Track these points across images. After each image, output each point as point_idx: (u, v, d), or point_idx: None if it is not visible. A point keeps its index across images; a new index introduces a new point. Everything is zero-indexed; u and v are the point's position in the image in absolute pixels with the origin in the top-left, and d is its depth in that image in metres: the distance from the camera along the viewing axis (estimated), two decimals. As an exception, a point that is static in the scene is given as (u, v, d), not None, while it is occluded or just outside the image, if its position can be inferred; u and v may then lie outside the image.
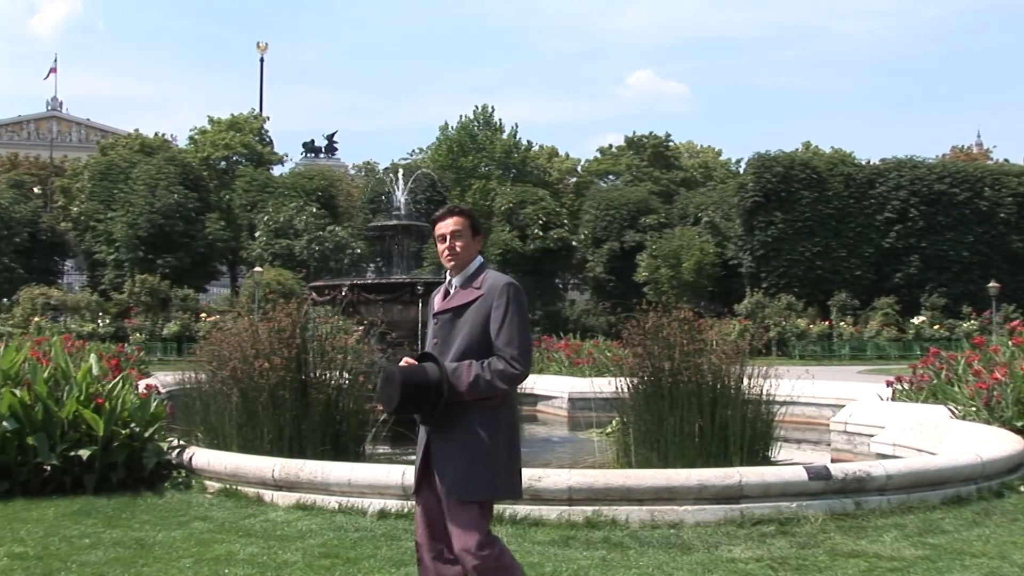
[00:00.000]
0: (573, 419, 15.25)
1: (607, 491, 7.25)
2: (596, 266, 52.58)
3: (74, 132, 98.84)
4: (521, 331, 4.30)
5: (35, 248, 50.02)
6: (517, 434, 4.48)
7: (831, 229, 47.55)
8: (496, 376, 4.22)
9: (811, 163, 49.35)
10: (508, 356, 4.24)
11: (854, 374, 26.31)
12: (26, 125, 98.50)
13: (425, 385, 4.24)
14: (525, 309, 4.38)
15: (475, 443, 4.27)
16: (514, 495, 4.54)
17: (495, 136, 62.85)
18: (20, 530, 7.07)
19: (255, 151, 60.79)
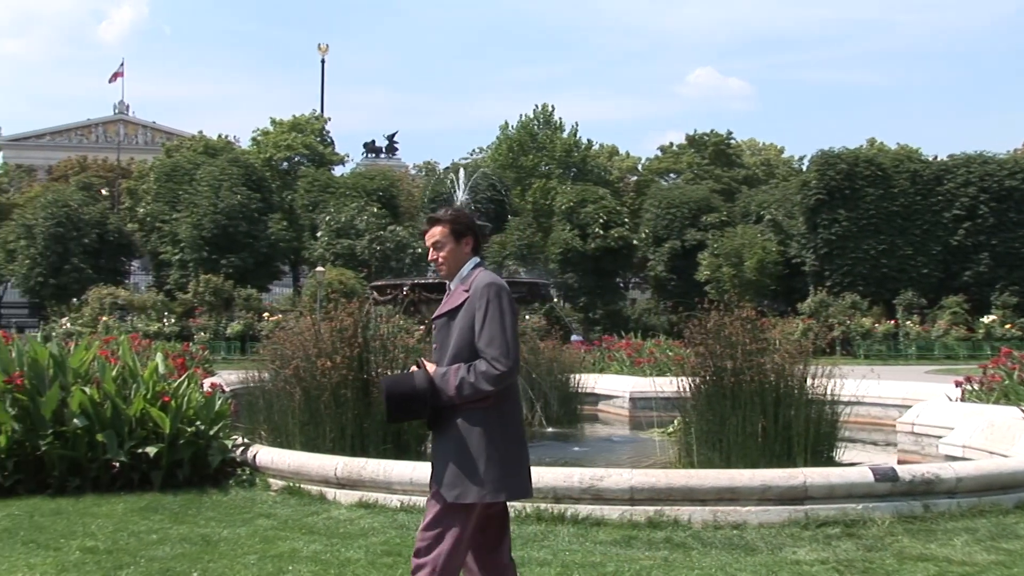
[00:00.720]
0: (634, 419, 15.17)
1: (669, 491, 7.20)
2: (657, 265, 52.24)
3: (140, 135, 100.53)
4: (502, 330, 4.23)
5: (103, 249, 50.85)
6: (515, 433, 4.37)
7: (897, 227, 46.74)
8: (480, 377, 4.18)
9: (876, 160, 48.55)
10: (489, 357, 4.20)
11: (921, 374, 25.85)
12: (95, 128, 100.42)
13: (411, 394, 4.27)
14: (508, 308, 4.29)
15: (465, 445, 4.25)
16: (515, 495, 4.39)
17: (555, 135, 62.78)
18: (91, 525, 7.19)
19: (317, 152, 61.34)
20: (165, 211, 51.72)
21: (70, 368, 9.07)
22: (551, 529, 7.02)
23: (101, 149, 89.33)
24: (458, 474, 4.23)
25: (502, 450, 4.26)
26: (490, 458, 4.23)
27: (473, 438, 4.24)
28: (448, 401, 4.24)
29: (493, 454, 4.24)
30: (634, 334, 28.96)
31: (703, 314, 9.92)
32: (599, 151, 69.12)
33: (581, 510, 7.25)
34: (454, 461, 4.25)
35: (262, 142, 61.95)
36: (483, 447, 4.23)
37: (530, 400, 14.17)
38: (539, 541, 6.69)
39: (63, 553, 6.40)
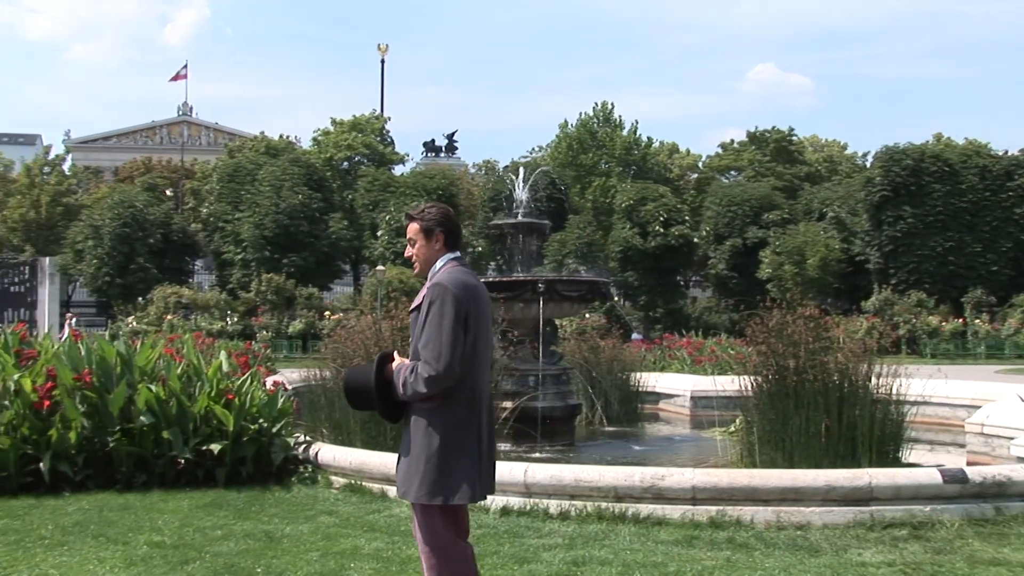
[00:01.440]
0: (695, 418, 15.06)
1: (732, 491, 7.13)
2: (718, 263, 51.86)
3: (203, 136, 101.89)
4: (438, 333, 4.20)
5: (168, 249, 51.60)
6: (468, 435, 4.31)
7: (965, 223, 45.90)
8: (417, 378, 4.19)
9: (943, 155, 47.74)
10: (424, 359, 4.20)
11: (991, 374, 25.37)
12: (159, 130, 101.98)
13: (364, 386, 4.40)
14: (449, 311, 4.23)
15: (412, 444, 4.28)
16: (452, 499, 4.26)
17: (615, 133, 62.58)
18: (157, 520, 7.31)
19: (377, 151, 61.75)
20: (228, 211, 52.36)
21: (137, 366, 9.22)
22: (612, 528, 6.99)
23: (165, 150, 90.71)
24: (405, 472, 4.30)
25: (441, 453, 4.22)
26: (429, 459, 4.23)
27: (417, 438, 4.27)
28: (399, 397, 4.30)
29: (432, 456, 4.23)
30: (695, 332, 28.85)
31: (765, 312, 9.80)
32: (659, 149, 68.77)
33: (642, 509, 7.21)
34: (403, 458, 4.33)
35: (323, 142, 62.49)
36: (423, 448, 4.24)
37: (590, 399, 14.15)
38: (600, 540, 6.66)
39: (131, 547, 6.51)
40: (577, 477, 7.49)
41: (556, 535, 6.82)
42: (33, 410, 8.54)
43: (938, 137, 62.43)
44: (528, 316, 12.05)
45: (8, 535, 6.91)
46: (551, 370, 12.20)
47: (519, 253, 13.09)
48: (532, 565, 6.04)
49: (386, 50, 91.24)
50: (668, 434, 14.43)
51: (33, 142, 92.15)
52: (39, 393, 8.61)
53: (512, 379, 11.77)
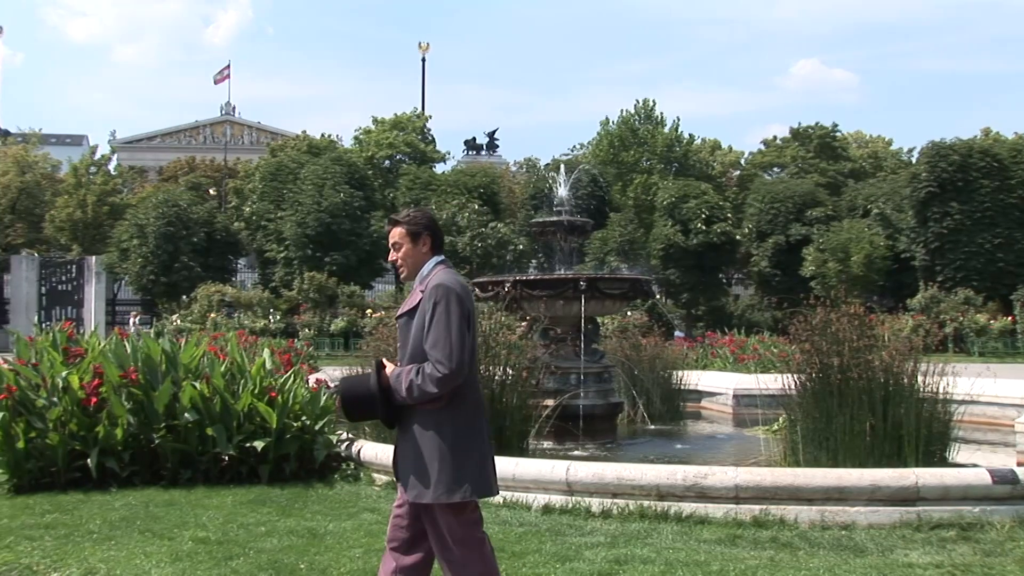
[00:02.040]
0: (738, 416, 14.98)
1: (775, 490, 7.08)
2: (761, 260, 51.43)
3: (246, 135, 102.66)
4: (447, 333, 4.24)
5: (211, 247, 51.97)
6: (470, 433, 4.39)
7: (1015, 219, 45.11)
8: (426, 379, 4.22)
9: (991, 150, 46.95)
10: (434, 359, 4.23)
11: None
12: (202, 130, 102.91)
13: (366, 395, 4.39)
14: (455, 310, 4.29)
15: (420, 446, 4.31)
16: (470, 495, 4.34)
17: (656, 130, 62.26)
18: (202, 516, 7.38)
19: (418, 150, 61.88)
20: (270, 210, 52.69)
21: (181, 364, 9.32)
22: (654, 527, 6.97)
23: (209, 150, 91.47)
24: (415, 475, 4.31)
25: (455, 451, 4.29)
26: (443, 459, 4.27)
27: (427, 439, 4.30)
28: (402, 401, 4.31)
29: (446, 455, 4.28)
30: (737, 330, 28.63)
31: (808, 310, 9.72)
32: (701, 145, 68.34)
33: (685, 508, 7.19)
34: (412, 462, 4.34)
35: (364, 141, 62.72)
36: (435, 448, 4.28)
37: (632, 397, 14.10)
38: (642, 539, 6.65)
39: (176, 543, 6.58)
40: (619, 475, 7.47)
41: (598, 533, 6.81)
42: (81, 407, 8.66)
43: (986, 132, 61.48)
44: (570, 314, 12.04)
45: (58, 529, 7.02)
46: (593, 368, 12.18)
47: (560, 251, 13.09)
48: (574, 563, 6.04)
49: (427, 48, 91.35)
50: (710, 432, 14.36)
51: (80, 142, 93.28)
52: (86, 390, 8.72)
53: (554, 377, 11.76)
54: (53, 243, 60.18)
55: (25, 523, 7.24)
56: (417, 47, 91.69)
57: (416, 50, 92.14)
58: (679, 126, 63.33)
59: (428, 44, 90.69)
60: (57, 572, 6.00)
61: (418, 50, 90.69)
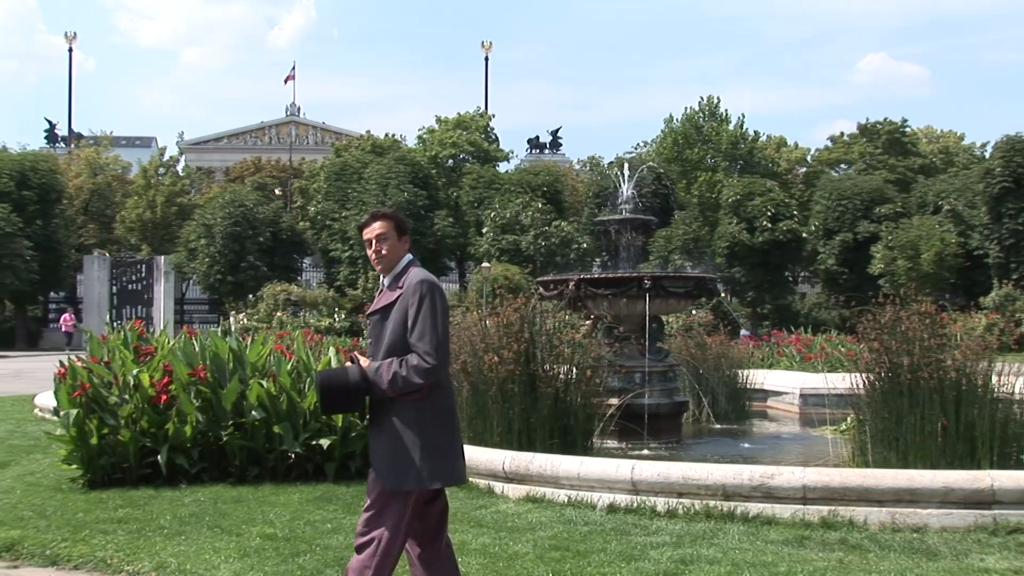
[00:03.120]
0: (805, 416, 14.80)
1: (844, 491, 6.99)
2: (827, 258, 50.74)
3: (311, 135, 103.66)
4: (433, 326, 4.42)
5: (277, 247, 52.55)
6: (447, 422, 4.57)
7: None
8: (411, 371, 4.38)
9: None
10: (421, 351, 4.39)
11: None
12: (268, 130, 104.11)
13: (344, 388, 4.53)
14: (440, 305, 4.49)
15: (400, 435, 4.45)
16: (450, 481, 4.61)
17: (721, 127, 61.74)
18: (269, 513, 7.46)
19: (481, 149, 61.99)
20: (335, 209, 53.14)
21: (248, 362, 9.43)
22: (720, 527, 6.91)
23: (274, 150, 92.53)
24: (394, 463, 4.46)
25: (435, 439, 4.47)
26: (424, 447, 4.45)
27: (407, 429, 4.45)
28: (382, 394, 4.46)
29: (427, 443, 4.45)
30: (804, 329, 28.29)
31: (877, 308, 9.57)
32: (766, 142, 67.64)
33: (751, 508, 7.12)
34: (390, 450, 4.48)
35: (428, 140, 62.99)
36: (416, 437, 4.44)
37: (697, 396, 14.00)
38: (708, 539, 6.59)
39: (244, 539, 6.66)
40: (685, 475, 7.42)
41: (663, 533, 6.77)
42: (151, 404, 8.80)
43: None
44: (634, 312, 11.98)
45: (130, 524, 7.15)
46: (657, 367, 12.11)
47: (624, 249, 13.03)
48: (639, 563, 6.01)
49: (490, 47, 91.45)
50: (777, 432, 14.20)
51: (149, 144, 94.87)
52: (156, 388, 8.87)
53: (618, 376, 11.72)
54: (123, 243, 61.39)
55: (99, 517, 7.39)
56: (480, 46, 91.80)
57: (479, 49, 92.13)
58: (744, 123, 62.79)
59: (491, 43, 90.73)
60: (130, 566, 6.12)
61: (481, 49, 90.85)
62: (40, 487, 8.80)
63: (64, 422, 8.83)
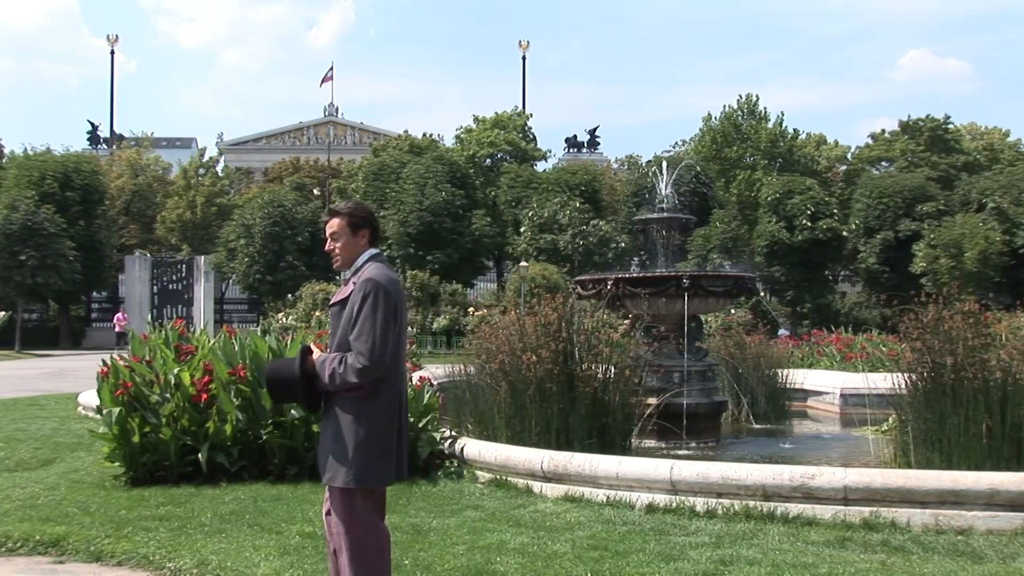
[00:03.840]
0: (845, 416, 14.69)
1: (886, 492, 6.90)
2: (868, 257, 50.32)
3: (349, 136, 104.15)
4: (371, 326, 4.39)
5: (315, 246, 52.69)
6: (387, 422, 4.53)
7: None
8: (347, 370, 4.37)
9: (1115, 140, 45.16)
10: (356, 350, 4.38)
11: None
12: (306, 131, 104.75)
13: (288, 379, 4.57)
14: (382, 305, 4.43)
15: (340, 431, 4.47)
16: (383, 482, 4.59)
17: (760, 125, 61.36)
18: (308, 511, 7.49)
19: (519, 148, 62.00)
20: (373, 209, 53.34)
21: (288, 361, 9.45)
22: (760, 527, 6.86)
23: (312, 150, 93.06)
24: (331, 458, 4.49)
25: (373, 439, 4.46)
26: (358, 445, 4.45)
27: (345, 425, 4.47)
28: (324, 388, 4.48)
29: (364, 442, 4.45)
30: (844, 328, 28.04)
31: (919, 307, 9.45)
32: (806, 140, 67.14)
33: (791, 509, 7.06)
34: (330, 446, 4.52)
35: (466, 140, 63.08)
36: (354, 435, 4.45)
37: (736, 395, 13.92)
38: (748, 539, 6.54)
39: (284, 537, 6.70)
40: (724, 475, 7.37)
41: (703, 533, 6.73)
42: (192, 403, 8.87)
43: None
44: (672, 312, 11.93)
45: (171, 521, 7.21)
46: (696, 366, 12.05)
47: (663, 248, 12.98)
48: (679, 563, 5.97)
49: (527, 47, 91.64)
50: (817, 432, 14.09)
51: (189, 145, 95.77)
52: (197, 387, 8.93)
53: (656, 375, 11.67)
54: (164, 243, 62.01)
55: (141, 515, 7.46)
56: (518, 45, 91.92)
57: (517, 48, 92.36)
58: (783, 121, 62.38)
59: (528, 42, 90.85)
60: (172, 563, 6.16)
61: (519, 48, 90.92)
62: (84, 484, 8.89)
63: (107, 420, 8.93)
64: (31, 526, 7.10)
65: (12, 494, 8.44)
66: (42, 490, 8.58)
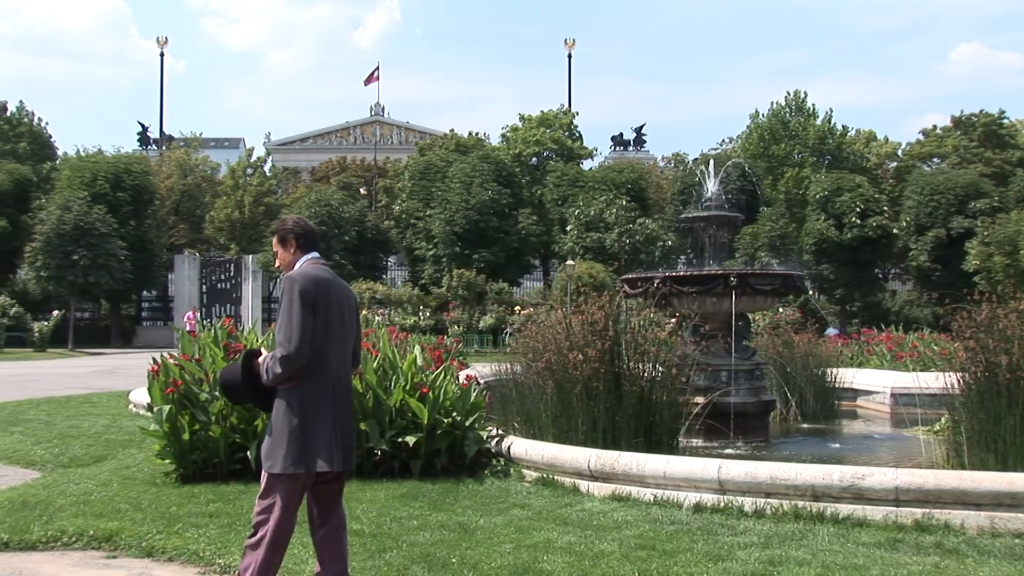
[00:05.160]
0: (896, 415, 14.50)
1: (939, 493, 6.80)
2: (919, 255, 49.64)
3: (395, 135, 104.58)
4: (288, 319, 4.77)
5: (362, 246, 53.13)
6: (318, 410, 4.84)
7: None
8: (274, 362, 4.76)
9: None
10: (277, 342, 4.80)
11: None
12: (352, 130, 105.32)
13: (232, 382, 5.02)
14: (297, 298, 4.79)
15: (275, 420, 4.84)
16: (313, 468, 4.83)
17: (808, 122, 60.70)
18: (356, 509, 7.52)
19: (565, 146, 61.87)
20: (419, 208, 53.53)
21: (336, 359, 9.50)
22: (809, 528, 6.79)
23: (359, 150, 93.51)
24: (268, 447, 4.84)
25: (303, 426, 4.78)
26: (292, 433, 4.78)
27: (279, 415, 4.83)
28: (268, 384, 4.85)
29: (295, 430, 4.78)
30: (895, 327, 27.71)
31: (973, 306, 9.31)
32: (855, 137, 66.35)
33: (841, 509, 6.98)
34: (269, 434, 4.87)
35: (511, 138, 63.06)
36: (286, 423, 4.79)
37: (784, 394, 13.80)
38: (797, 540, 6.48)
39: (332, 535, 6.72)
40: (773, 475, 7.30)
41: (751, 533, 6.68)
42: (241, 401, 8.93)
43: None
44: (720, 310, 11.85)
45: (221, 518, 7.28)
46: (744, 365, 11.97)
47: (710, 246, 12.90)
48: (727, 563, 5.92)
49: (573, 45, 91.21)
50: (867, 432, 13.94)
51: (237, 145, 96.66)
52: (246, 385, 8.98)
53: (704, 374, 11.61)
54: (212, 243, 62.58)
55: (191, 511, 7.54)
56: (563, 44, 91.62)
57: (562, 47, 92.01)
58: (832, 118, 61.62)
59: (574, 40, 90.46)
60: (222, 559, 6.22)
61: (564, 47, 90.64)
62: (135, 481, 9.01)
63: (157, 418, 9.04)
64: (85, 521, 7.21)
65: (67, 490, 8.58)
66: (95, 486, 8.71)
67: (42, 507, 7.82)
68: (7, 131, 69.22)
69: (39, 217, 48.78)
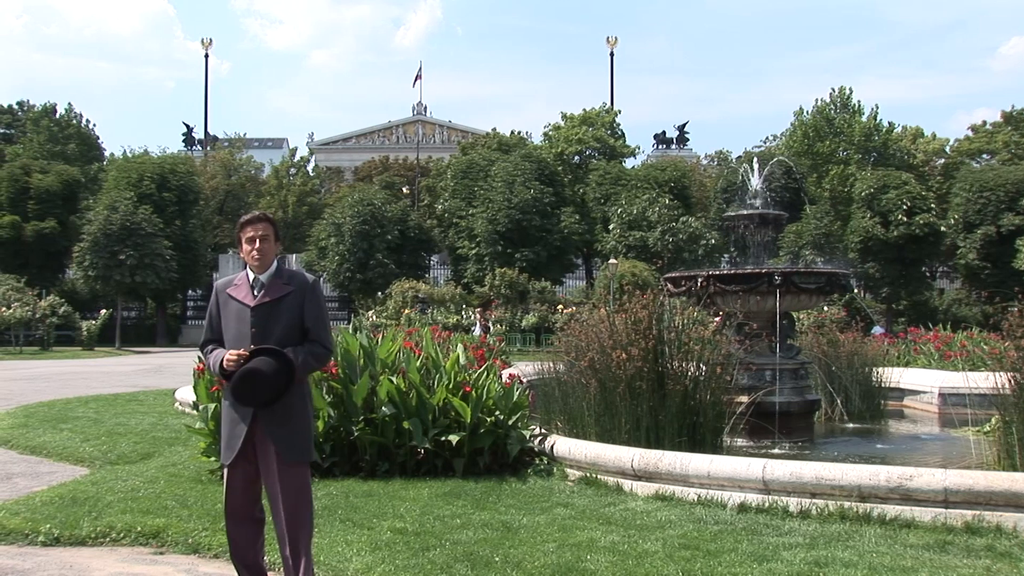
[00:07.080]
0: (944, 416, 14.29)
1: (990, 494, 6.68)
2: (968, 252, 48.96)
3: (437, 134, 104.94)
4: (326, 316, 5.27)
5: (404, 245, 53.35)
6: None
7: None
8: (314, 358, 5.11)
9: None
10: (323, 339, 5.15)
11: None
12: (395, 130, 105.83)
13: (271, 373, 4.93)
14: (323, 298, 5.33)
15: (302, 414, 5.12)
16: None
17: (853, 119, 60.15)
18: (399, 507, 7.54)
19: (607, 145, 61.74)
20: (461, 207, 53.65)
21: (378, 358, 9.55)
22: (856, 529, 6.71)
23: (401, 149, 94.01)
24: (302, 437, 5.15)
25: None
26: (312, 424, 5.34)
27: (304, 407, 5.19)
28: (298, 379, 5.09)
29: (312, 420, 5.34)
30: (942, 326, 27.36)
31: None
32: (901, 134, 65.62)
33: (888, 510, 6.89)
34: (293, 426, 5.12)
35: (553, 137, 63.02)
36: (310, 415, 5.24)
37: (830, 394, 13.66)
38: (843, 541, 6.40)
39: (375, 532, 6.75)
40: (818, 475, 7.22)
41: (796, 534, 6.61)
42: (284, 400, 8.98)
43: None
44: (764, 309, 11.76)
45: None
46: (788, 364, 11.85)
47: (754, 245, 12.79)
48: (771, 564, 5.86)
49: (615, 43, 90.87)
50: (914, 432, 13.75)
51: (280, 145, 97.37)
52: (289, 383, 9.03)
53: (748, 373, 11.52)
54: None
55: (235, 509, 7.58)
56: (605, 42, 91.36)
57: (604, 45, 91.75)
58: (877, 114, 61.07)
59: (616, 38, 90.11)
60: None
61: (606, 45, 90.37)
62: (181, 478, 9.09)
63: (203, 416, 9.12)
64: (132, 518, 7.29)
65: (115, 486, 8.68)
66: (142, 483, 8.80)
67: (91, 503, 7.92)
68: (56, 133, 70.28)
69: (87, 217, 49.48)
